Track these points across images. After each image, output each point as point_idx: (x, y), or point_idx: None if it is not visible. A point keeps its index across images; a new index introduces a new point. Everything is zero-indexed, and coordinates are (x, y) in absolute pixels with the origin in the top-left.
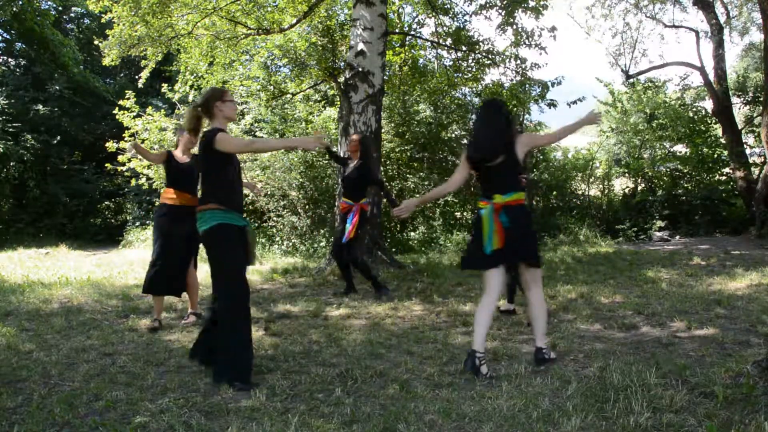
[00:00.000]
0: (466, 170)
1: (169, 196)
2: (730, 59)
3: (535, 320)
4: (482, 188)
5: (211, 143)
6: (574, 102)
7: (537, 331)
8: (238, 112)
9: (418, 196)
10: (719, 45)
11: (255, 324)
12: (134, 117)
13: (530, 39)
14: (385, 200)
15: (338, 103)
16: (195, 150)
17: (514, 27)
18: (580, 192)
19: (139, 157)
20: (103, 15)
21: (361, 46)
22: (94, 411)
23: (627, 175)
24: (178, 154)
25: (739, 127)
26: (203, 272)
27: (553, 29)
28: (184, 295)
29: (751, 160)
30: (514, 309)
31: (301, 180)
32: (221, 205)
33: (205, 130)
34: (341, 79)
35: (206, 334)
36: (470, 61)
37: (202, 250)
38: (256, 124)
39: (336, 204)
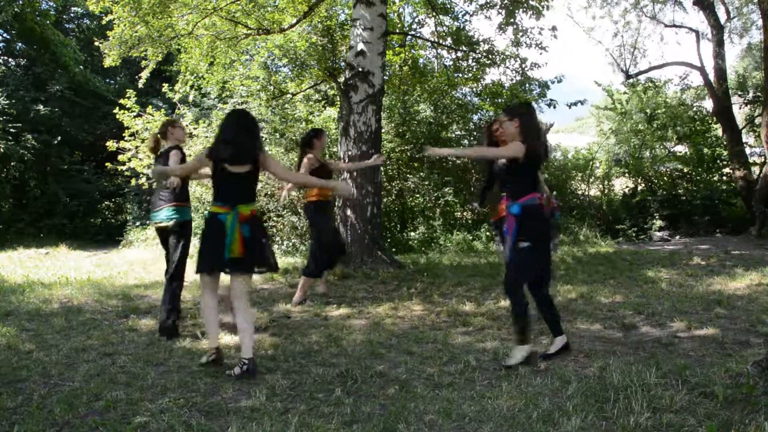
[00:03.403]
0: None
1: (325, 192)
2: (730, 59)
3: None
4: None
5: None
6: (575, 104)
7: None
8: None
9: (418, 195)
10: (719, 45)
11: (256, 323)
12: (134, 116)
13: (530, 38)
14: (386, 200)
15: (338, 103)
16: None
17: (515, 26)
18: (580, 192)
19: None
20: (103, 16)
21: (361, 46)
22: (94, 411)
23: (627, 175)
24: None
25: (740, 127)
26: None
27: (553, 29)
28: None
29: (751, 160)
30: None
31: None
32: None
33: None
34: (341, 79)
35: None
36: (470, 60)
37: None
38: None
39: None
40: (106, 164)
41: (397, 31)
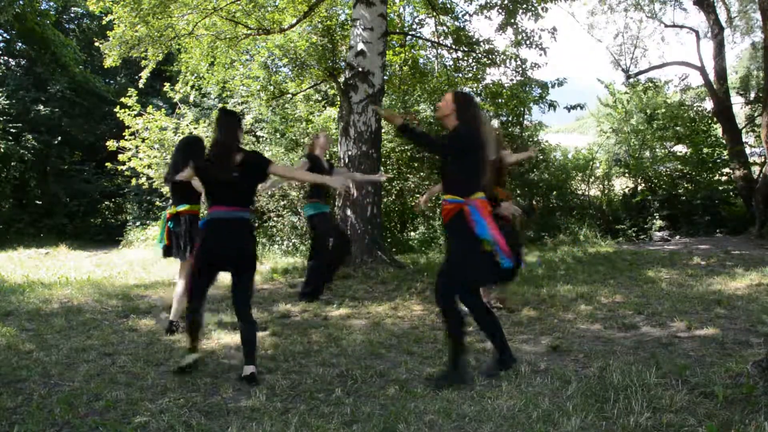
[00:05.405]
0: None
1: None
2: (730, 59)
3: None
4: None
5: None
6: (574, 107)
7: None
8: (238, 111)
9: (418, 195)
10: (719, 45)
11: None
12: (135, 116)
13: (530, 39)
14: (386, 200)
15: (338, 103)
16: None
17: (515, 27)
18: (580, 192)
19: None
20: (103, 16)
21: (361, 46)
22: (94, 411)
23: (627, 175)
24: None
25: (741, 127)
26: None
27: (553, 30)
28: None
29: (751, 160)
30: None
31: None
32: None
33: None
34: (341, 79)
35: None
36: (470, 61)
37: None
38: (256, 124)
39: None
40: (106, 164)
41: (397, 31)
